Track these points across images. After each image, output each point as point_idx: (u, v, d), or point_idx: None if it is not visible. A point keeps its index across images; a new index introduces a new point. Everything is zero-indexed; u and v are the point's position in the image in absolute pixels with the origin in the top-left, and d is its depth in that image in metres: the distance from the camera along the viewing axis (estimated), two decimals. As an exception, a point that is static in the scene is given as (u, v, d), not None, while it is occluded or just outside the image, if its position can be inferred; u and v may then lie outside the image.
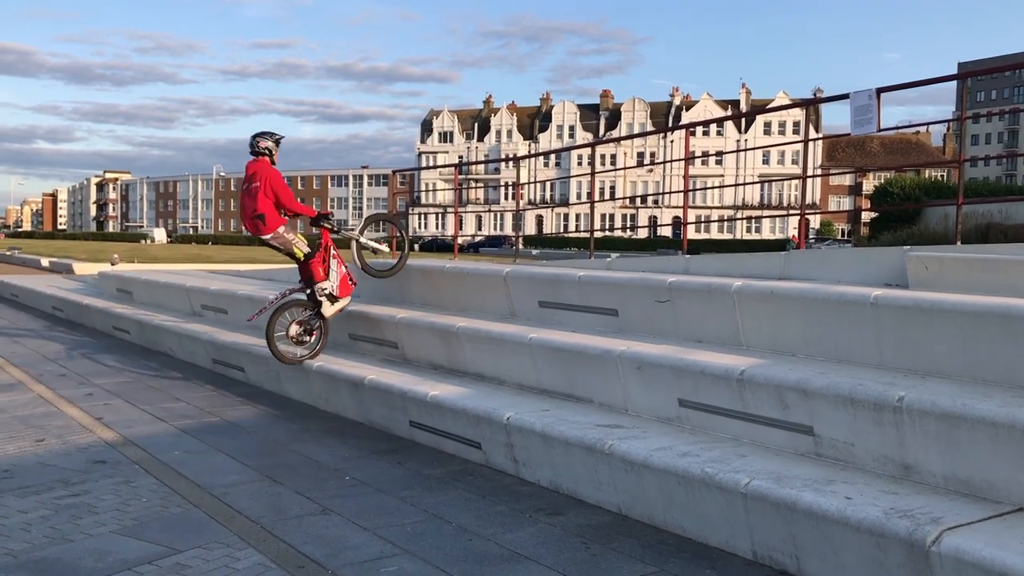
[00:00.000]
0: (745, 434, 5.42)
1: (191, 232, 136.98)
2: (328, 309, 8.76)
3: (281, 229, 8.52)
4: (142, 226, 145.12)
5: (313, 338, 8.79)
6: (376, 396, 7.65)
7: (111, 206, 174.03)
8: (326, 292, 8.70)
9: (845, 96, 7.04)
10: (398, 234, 9.95)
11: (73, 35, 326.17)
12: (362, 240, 9.31)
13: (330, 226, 8.87)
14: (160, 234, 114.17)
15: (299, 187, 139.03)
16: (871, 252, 7.02)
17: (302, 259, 8.66)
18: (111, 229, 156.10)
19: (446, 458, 6.67)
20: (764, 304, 6.14)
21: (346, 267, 8.96)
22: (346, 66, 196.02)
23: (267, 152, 8.58)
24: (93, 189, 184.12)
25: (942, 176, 52.50)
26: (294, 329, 8.63)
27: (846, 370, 5.31)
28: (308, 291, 8.79)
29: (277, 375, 9.20)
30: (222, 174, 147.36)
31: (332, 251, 8.84)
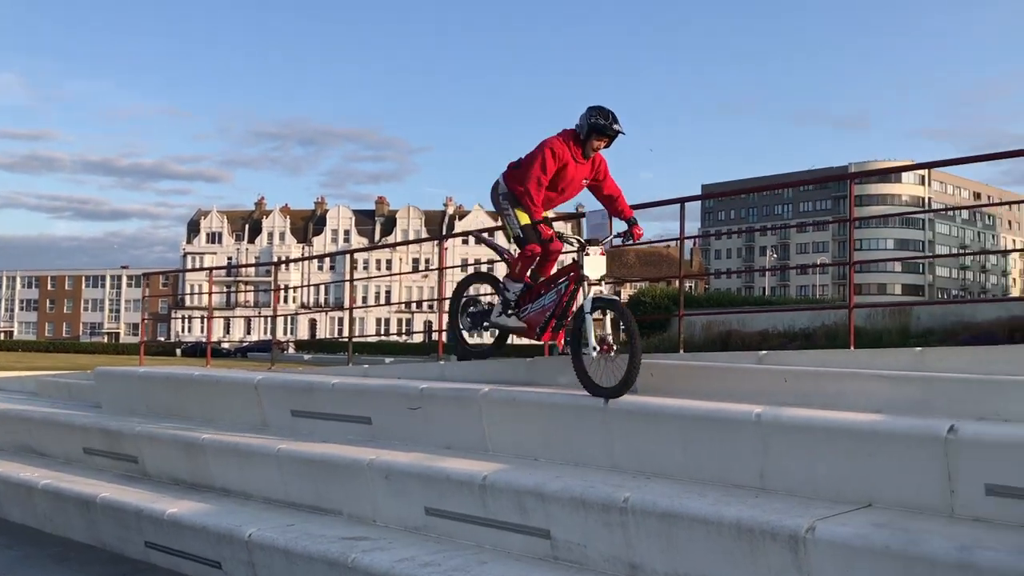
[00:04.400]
0: (488, 540, 5.50)
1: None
2: (496, 314, 6.89)
3: (500, 189, 6.83)
4: None
5: (482, 337, 7.04)
6: (109, 516, 7.10)
7: None
8: (507, 292, 6.80)
9: (583, 215, 7.57)
10: (623, 330, 5.98)
11: None
12: (589, 325, 6.07)
13: (580, 267, 6.29)
14: None
15: (49, 287, 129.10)
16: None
17: (513, 238, 6.81)
18: None
19: (183, 581, 6.27)
20: (507, 410, 6.34)
21: (554, 317, 6.57)
22: (106, 161, 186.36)
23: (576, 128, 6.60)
24: None
25: (691, 287, 57.07)
26: (464, 319, 7.20)
27: (580, 473, 5.56)
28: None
29: (-4, 496, 8.33)
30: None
31: (564, 284, 6.49)
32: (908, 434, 4.63)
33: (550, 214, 7.11)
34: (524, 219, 6.56)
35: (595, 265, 6.20)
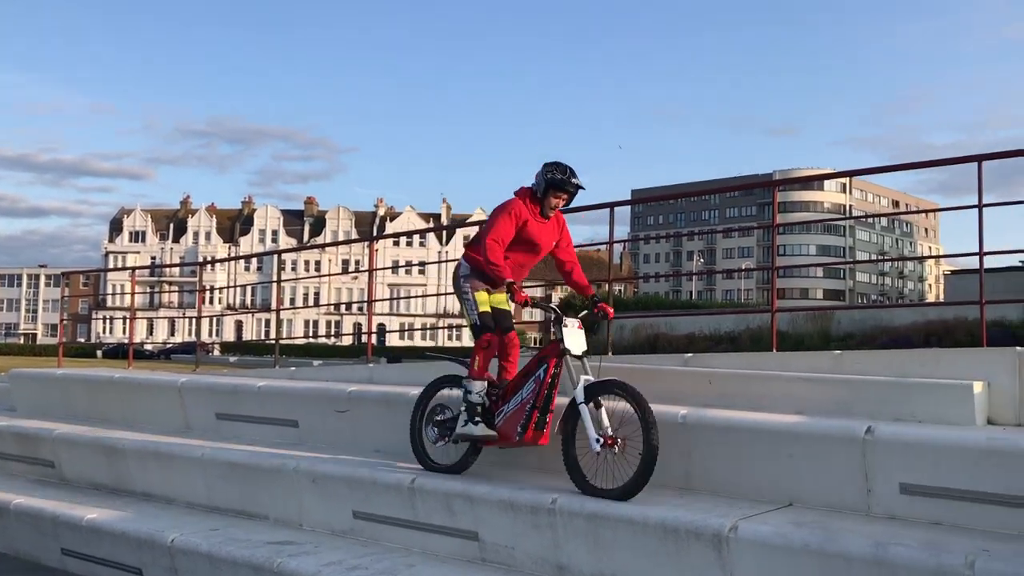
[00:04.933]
0: (416, 543, 5.49)
1: None
2: (461, 423, 5.63)
3: (461, 270, 5.95)
4: None
5: (454, 446, 5.80)
6: (24, 522, 6.88)
7: None
8: (470, 396, 5.63)
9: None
10: (637, 414, 4.93)
11: None
12: (587, 418, 5.07)
13: (560, 342, 5.39)
14: None
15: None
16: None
17: (469, 327, 5.89)
18: None
19: (101, 589, 6.10)
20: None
21: (535, 409, 5.30)
22: (24, 156, 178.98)
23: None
24: None
25: (620, 291, 57.74)
26: (430, 429, 5.95)
27: (510, 475, 5.57)
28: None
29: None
30: None
31: (548, 373, 5.37)
32: (827, 435, 4.77)
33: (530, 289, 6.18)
34: (484, 306, 5.78)
35: (575, 338, 5.41)
